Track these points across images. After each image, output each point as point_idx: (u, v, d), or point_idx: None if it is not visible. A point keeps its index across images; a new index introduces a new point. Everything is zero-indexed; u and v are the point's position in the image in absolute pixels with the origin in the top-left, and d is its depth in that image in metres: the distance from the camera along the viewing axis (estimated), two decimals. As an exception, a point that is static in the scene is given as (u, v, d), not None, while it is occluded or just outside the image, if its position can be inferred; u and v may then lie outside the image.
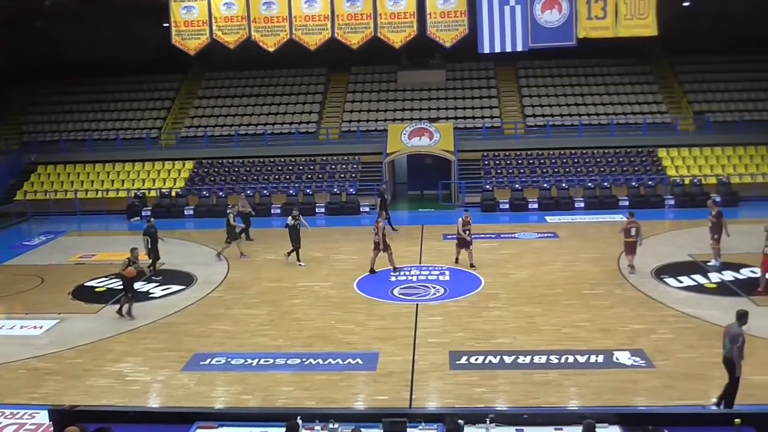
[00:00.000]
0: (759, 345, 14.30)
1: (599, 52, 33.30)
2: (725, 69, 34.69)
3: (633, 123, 32.47)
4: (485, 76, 36.09)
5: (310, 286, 19.13)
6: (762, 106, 32.67)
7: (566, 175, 30.24)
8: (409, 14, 24.73)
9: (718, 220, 19.45)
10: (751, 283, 18.19)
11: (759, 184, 29.08)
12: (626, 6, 23.70)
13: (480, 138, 32.28)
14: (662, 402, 11.92)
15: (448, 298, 17.72)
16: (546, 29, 23.95)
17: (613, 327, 15.50)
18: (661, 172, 30.13)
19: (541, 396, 12.35)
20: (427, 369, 13.61)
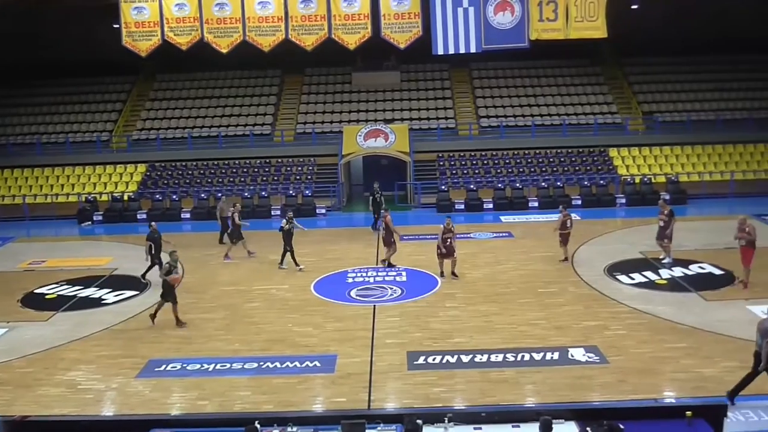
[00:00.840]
0: (708, 339, 14.70)
1: (551, 53, 33.75)
2: (673, 70, 35.55)
3: (584, 123, 33.02)
4: (439, 77, 36.33)
5: (267, 289, 19.00)
6: (708, 106, 33.58)
7: (520, 175, 30.60)
8: (363, 16, 24.75)
9: (670, 219, 19.85)
10: (701, 279, 18.68)
11: (706, 182, 29.85)
12: (577, 8, 24.10)
13: (435, 139, 32.47)
14: (616, 397, 12.15)
15: (405, 299, 17.77)
16: (499, 31, 24.22)
17: (567, 324, 15.73)
18: (613, 171, 30.71)
19: (498, 394, 12.47)
20: (386, 370, 13.63)
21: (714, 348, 14.20)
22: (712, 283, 18.38)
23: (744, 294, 17.32)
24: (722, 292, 17.63)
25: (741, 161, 31.14)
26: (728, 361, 13.53)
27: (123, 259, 22.30)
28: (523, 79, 35.79)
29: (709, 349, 14.18)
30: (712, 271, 19.32)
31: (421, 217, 27.72)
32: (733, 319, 15.68)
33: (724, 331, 14.98)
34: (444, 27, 24.10)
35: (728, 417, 9.46)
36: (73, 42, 32.01)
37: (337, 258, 21.33)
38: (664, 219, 19.93)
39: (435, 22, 24.14)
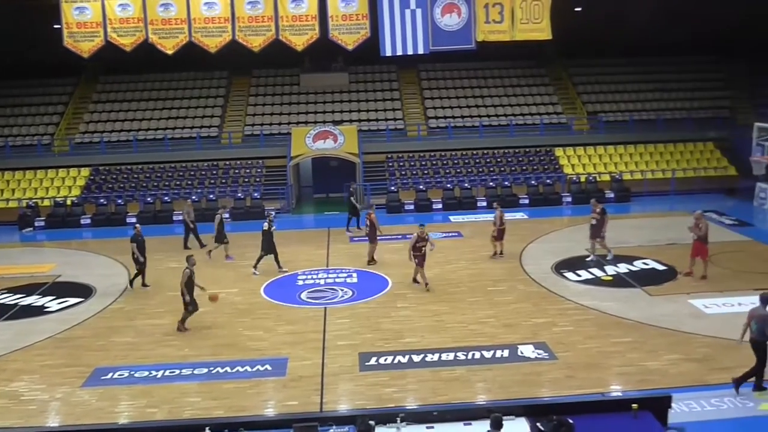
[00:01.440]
0: (652, 333, 15.07)
1: (498, 54, 34.22)
2: (616, 71, 36.35)
3: (531, 123, 33.51)
4: (388, 78, 36.43)
5: (216, 293, 18.74)
6: (650, 106, 34.43)
7: (468, 175, 30.88)
8: (311, 17, 24.68)
9: (602, 217, 20.22)
10: (645, 275, 19.13)
11: (649, 180, 30.60)
12: (522, 11, 24.46)
13: (384, 140, 32.54)
14: (565, 392, 12.37)
15: (356, 300, 17.77)
16: (446, 33, 24.42)
17: (516, 322, 15.94)
18: (559, 170, 31.22)
19: (450, 392, 12.57)
20: (337, 372, 13.61)
21: (658, 341, 14.57)
22: (656, 278, 18.85)
23: (685, 288, 17.82)
24: (665, 287, 18.09)
25: (681, 160, 32.02)
26: (672, 354, 13.92)
27: (67, 266, 21.77)
28: (470, 80, 36.14)
29: (654, 342, 14.54)
30: (656, 267, 19.82)
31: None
32: (675, 313, 16.14)
33: (667, 325, 15.41)
34: (392, 28, 24.20)
35: (672, 408, 9.70)
36: (12, 42, 31.09)
37: (287, 261, 21.20)
38: (596, 218, 20.32)
39: (383, 24, 24.22)
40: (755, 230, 24.10)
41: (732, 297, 17.01)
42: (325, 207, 30.61)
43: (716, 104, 34.77)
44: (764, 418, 11.43)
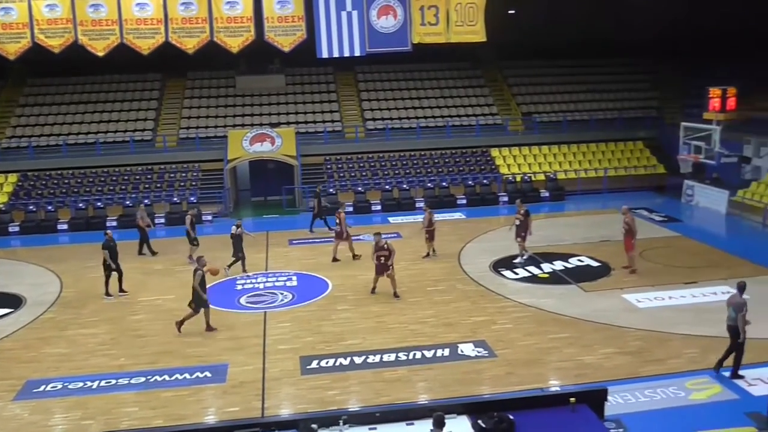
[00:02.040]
0: (588, 328, 15.44)
1: (434, 57, 34.53)
2: (549, 73, 37.09)
3: (467, 125, 33.93)
4: (325, 80, 36.34)
5: (152, 300, 18.39)
6: (582, 107, 35.29)
7: (407, 177, 31.06)
8: (246, 18, 24.39)
9: (525, 218, 20.58)
10: (580, 272, 19.59)
11: (582, 179, 31.34)
12: (457, 13, 24.70)
13: (321, 142, 32.46)
14: (505, 388, 12.56)
15: (296, 304, 17.67)
16: (382, 35, 24.48)
17: (456, 321, 16.11)
18: (495, 170, 31.69)
19: (392, 393, 12.62)
20: (279, 376, 13.51)
21: (594, 336, 14.94)
22: (591, 274, 19.32)
23: (619, 284, 18.31)
24: (599, 283, 18.56)
25: (613, 159, 32.92)
26: (607, 348, 14.30)
27: (-5, 275, 21.02)
28: (407, 81, 36.38)
29: (590, 337, 14.90)
30: (590, 264, 20.31)
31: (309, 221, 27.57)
32: (610, 308, 16.58)
33: (602, 320, 15.82)
34: (328, 30, 24.12)
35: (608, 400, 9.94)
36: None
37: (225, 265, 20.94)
38: (520, 218, 20.64)
39: (319, 26, 24.12)
40: (683, 226, 24.95)
41: (663, 291, 17.59)
42: (263, 210, 30.31)
43: (645, 105, 35.90)
44: (696, 407, 11.83)
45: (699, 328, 15.22)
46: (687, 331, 15.04)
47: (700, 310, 16.39)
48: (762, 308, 16.42)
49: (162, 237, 25.51)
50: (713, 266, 19.74)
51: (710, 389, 12.41)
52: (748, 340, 12.91)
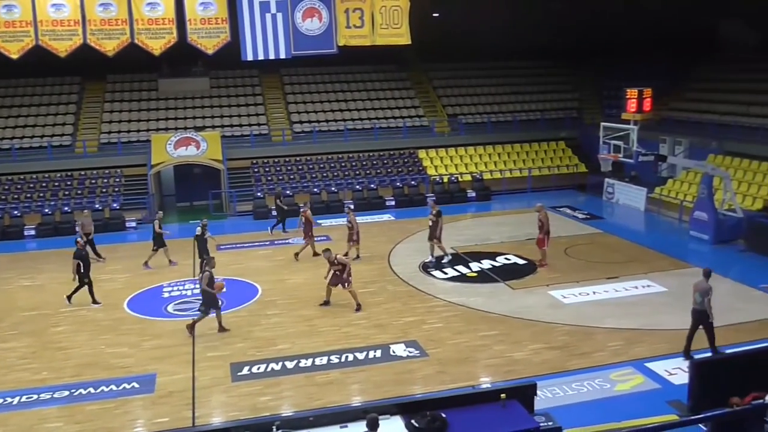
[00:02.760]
0: (516, 325, 15.75)
1: (360, 59, 34.60)
2: (473, 75, 37.74)
3: (394, 126, 34.15)
4: (250, 83, 35.95)
5: (75, 311, 17.79)
6: (506, 108, 36.01)
7: (335, 179, 31.03)
8: (168, 20, 23.87)
9: (438, 219, 20.77)
10: (507, 270, 19.97)
11: (507, 179, 31.96)
12: (381, 16, 24.80)
13: (248, 146, 32.09)
14: (437, 387, 12.69)
15: (225, 310, 17.34)
16: (308, 37, 24.36)
17: (387, 322, 16.18)
18: (422, 171, 31.99)
19: (325, 396, 12.58)
20: (209, 384, 13.28)
21: (522, 333, 15.26)
22: (517, 272, 19.72)
23: (545, 281, 18.75)
24: (526, 281, 18.97)
25: (536, 158, 33.71)
26: (535, 343, 14.62)
27: None
28: (333, 84, 36.34)
29: (518, 334, 15.21)
30: (517, 262, 20.74)
31: (237, 225, 27.26)
32: (537, 305, 16.97)
33: (529, 317, 16.18)
34: (252, 33, 23.86)
35: (538, 395, 10.16)
36: None
37: (151, 273, 20.46)
38: (432, 219, 20.84)
39: (243, 28, 23.82)
40: (605, 223, 25.76)
41: (587, 287, 18.11)
42: (189, 216, 29.70)
43: (566, 105, 36.91)
44: (620, 398, 12.23)
45: (622, 321, 15.73)
46: (611, 325, 15.52)
47: (622, 303, 16.95)
48: (679, 301, 17.12)
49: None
50: (633, 261, 20.45)
51: (634, 380, 12.84)
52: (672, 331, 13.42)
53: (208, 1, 23.78)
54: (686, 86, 33.86)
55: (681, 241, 22.90)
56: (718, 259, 20.84)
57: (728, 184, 23.16)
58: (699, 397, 11.08)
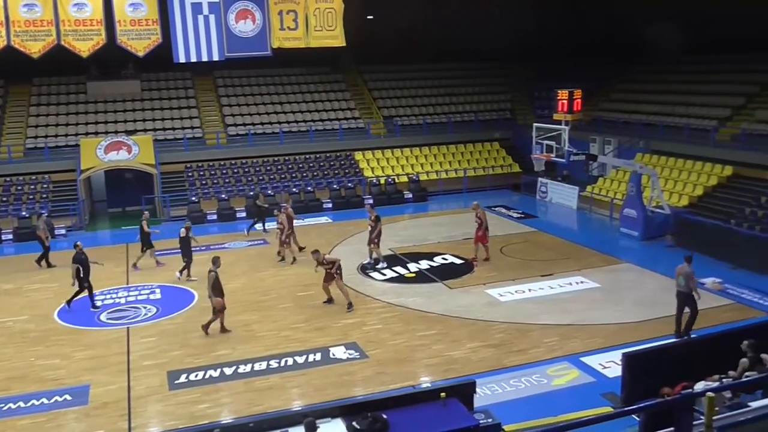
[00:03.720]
0: (454, 324, 15.92)
1: (295, 61, 34.44)
2: (408, 77, 38.02)
3: (330, 129, 34.09)
4: (183, 86, 35.36)
5: (2, 322, 17.17)
6: (441, 109, 36.38)
7: (271, 182, 30.79)
8: (96, 21, 23.27)
9: (376, 223, 20.85)
10: (444, 269, 20.17)
11: (443, 180, 32.29)
12: (315, 18, 24.75)
13: (182, 149, 31.53)
14: (378, 388, 12.71)
15: (161, 317, 17.06)
16: (241, 39, 24.13)
17: (327, 325, 16.14)
18: (359, 173, 32.03)
19: (265, 402, 12.46)
20: (145, 393, 13.00)
21: (460, 331, 15.43)
22: (455, 272, 19.95)
23: (481, 279, 19.02)
24: (463, 280, 19.21)
25: (471, 159, 34.15)
26: (473, 342, 14.81)
27: None
28: (268, 86, 36.07)
29: (456, 333, 15.38)
30: (454, 261, 20.97)
31: (172, 230, 26.70)
32: (474, 304, 17.20)
33: (467, 315, 16.38)
34: (185, 34, 23.48)
35: (477, 393, 10.29)
36: None
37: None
38: (371, 224, 20.91)
39: (175, 30, 23.42)
40: (538, 221, 26.29)
41: (522, 284, 18.45)
42: (121, 222, 29.01)
43: (499, 107, 37.52)
44: (557, 392, 12.50)
45: (557, 317, 16.08)
46: (546, 321, 15.84)
47: (557, 300, 17.32)
48: (611, 296, 17.65)
49: (10, 254, 23.98)
50: (567, 258, 20.93)
51: (569, 375, 13.14)
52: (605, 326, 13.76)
53: (137, 2, 23.29)
54: (614, 87, 34.86)
55: (612, 238, 23.55)
56: (647, 254, 21.52)
57: (656, 182, 23.94)
58: (632, 389, 11.41)
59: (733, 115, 27.21)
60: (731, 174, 24.75)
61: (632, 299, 17.27)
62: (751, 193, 23.23)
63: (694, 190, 24.92)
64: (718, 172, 25.10)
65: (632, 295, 17.69)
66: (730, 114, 27.34)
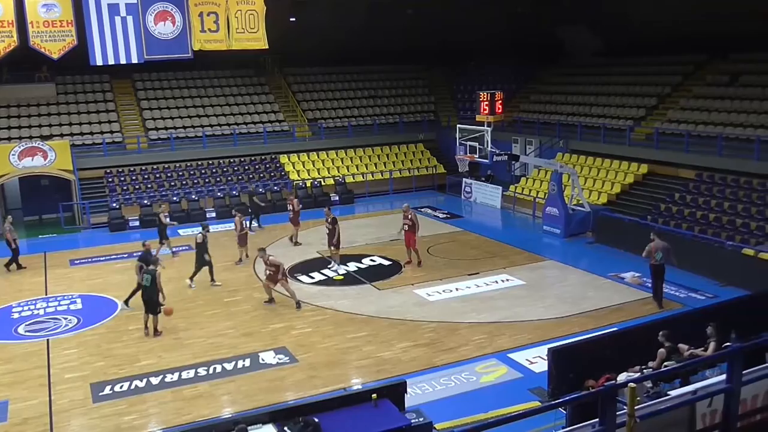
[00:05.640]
0: (384, 324, 16.01)
1: (217, 64, 33.95)
2: (332, 79, 37.99)
3: (254, 132, 33.72)
4: (101, 89, 34.28)
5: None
6: (365, 111, 36.50)
7: (195, 187, 30.23)
8: (7, 23, 22.30)
9: (334, 226, 20.89)
10: (373, 271, 20.26)
11: (370, 182, 32.38)
12: (237, 20, 24.41)
13: (101, 154, 30.61)
14: (309, 392, 12.66)
15: (82, 328, 16.52)
16: (161, 41, 23.57)
17: (256, 330, 15.97)
18: (285, 177, 31.80)
19: (194, 410, 12.24)
20: (68, 407, 12.57)
21: (390, 332, 15.52)
22: (383, 273, 20.06)
23: (410, 280, 19.18)
24: (392, 281, 19.33)
25: (397, 161, 34.37)
26: (403, 342, 14.92)
27: None
28: (190, 89, 35.38)
29: (386, 333, 15.46)
30: (382, 263, 21.08)
31: (93, 238, 25.96)
32: (403, 304, 17.33)
33: (396, 316, 16.50)
34: (101, 36, 22.77)
35: (408, 392, 10.39)
36: None
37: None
38: (328, 227, 20.93)
39: (91, 31, 22.67)
40: (464, 221, 26.70)
41: (450, 284, 18.71)
42: (38, 230, 27.93)
43: (423, 108, 37.92)
44: (486, 389, 12.73)
45: (484, 315, 16.37)
46: (474, 319, 16.11)
47: (484, 298, 17.63)
48: (535, 292, 18.09)
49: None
50: (493, 257, 21.34)
51: (498, 371, 13.39)
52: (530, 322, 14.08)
53: (51, 3, 22.46)
54: (535, 89, 35.74)
55: (535, 236, 24.12)
56: (569, 251, 22.15)
57: (575, 180, 24.66)
58: (558, 383, 11.73)
59: (647, 115, 28.31)
60: (646, 172, 25.75)
61: (556, 295, 17.74)
62: (665, 189, 24.23)
63: (612, 188, 25.80)
64: (634, 170, 26.06)
65: (556, 291, 18.16)
66: (644, 114, 28.44)
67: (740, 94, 25.67)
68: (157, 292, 15.75)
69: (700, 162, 23.88)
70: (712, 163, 23.48)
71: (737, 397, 7.11)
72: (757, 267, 17.58)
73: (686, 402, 7.03)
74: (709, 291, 17.44)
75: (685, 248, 19.46)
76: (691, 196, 22.86)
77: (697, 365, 10.36)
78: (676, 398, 7.19)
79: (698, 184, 23.34)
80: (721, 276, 18.11)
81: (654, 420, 6.50)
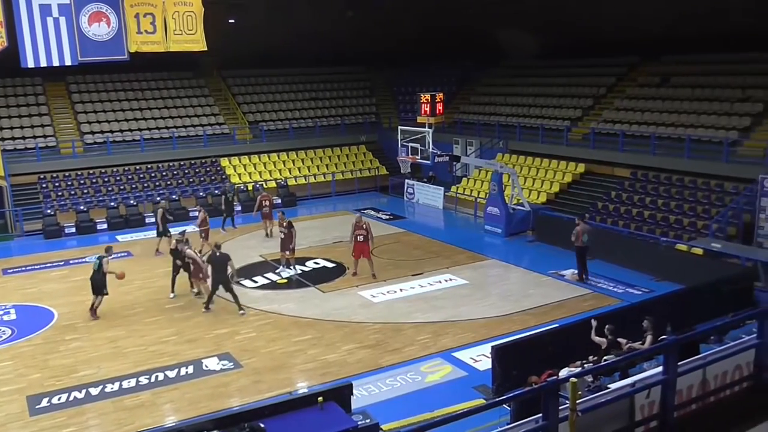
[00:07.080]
0: (328, 327, 15.98)
1: (155, 66, 33.34)
2: (273, 82, 37.71)
3: (194, 135, 33.21)
4: (32, 92, 33.22)
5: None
6: (307, 114, 36.35)
7: (133, 192, 29.61)
8: (-69, 24, 21.51)
9: (289, 230, 20.71)
10: (316, 274, 20.19)
11: (312, 184, 32.27)
12: (175, 21, 23.98)
13: (34, 159, 29.68)
14: (254, 397, 12.53)
15: (17, 339, 15.99)
16: (95, 43, 22.98)
17: (198, 336, 15.73)
18: (226, 180, 31.42)
19: (136, 420, 11.99)
20: (4, 421, 12.16)
21: (335, 335, 15.49)
22: (327, 275, 20.01)
23: (354, 282, 19.19)
24: (336, 283, 19.30)
25: (339, 163, 34.34)
26: (348, 344, 14.92)
27: None
28: (126, 92, 34.58)
29: (331, 336, 15.43)
30: (326, 265, 21.02)
31: (27, 246, 25.17)
32: (348, 306, 17.32)
33: (341, 318, 16.48)
34: (33, 38, 22.08)
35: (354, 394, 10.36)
36: None
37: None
38: (284, 231, 20.74)
39: (22, 33, 21.97)
40: (407, 222, 26.85)
41: (394, 284, 18.78)
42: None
43: (365, 110, 37.99)
44: (432, 388, 12.82)
45: (429, 315, 16.49)
46: (418, 320, 16.21)
47: (428, 298, 17.75)
48: (478, 291, 18.31)
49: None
50: (436, 257, 21.50)
51: (443, 370, 13.50)
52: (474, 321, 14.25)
53: (-22, 4, 21.72)
54: (474, 90, 36.15)
55: (477, 236, 24.41)
56: (510, 250, 22.49)
57: (515, 180, 25.05)
58: (501, 380, 11.89)
59: (583, 116, 28.94)
60: (584, 171, 26.34)
61: (498, 293, 17.99)
62: (602, 188, 24.82)
63: (551, 188, 26.30)
64: (572, 169, 26.62)
65: (498, 289, 18.42)
66: (580, 114, 29.07)
67: (671, 94, 26.47)
68: (103, 277, 16.75)
69: (635, 161, 24.54)
70: (645, 161, 24.15)
71: (674, 388, 7.34)
72: (691, 262, 18.17)
73: (626, 394, 7.23)
74: (645, 286, 17.93)
75: (621, 245, 20.01)
76: (627, 194, 23.47)
77: (636, 358, 10.66)
78: (615, 391, 7.38)
79: (633, 183, 23.98)
80: (656, 271, 18.64)
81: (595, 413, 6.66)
